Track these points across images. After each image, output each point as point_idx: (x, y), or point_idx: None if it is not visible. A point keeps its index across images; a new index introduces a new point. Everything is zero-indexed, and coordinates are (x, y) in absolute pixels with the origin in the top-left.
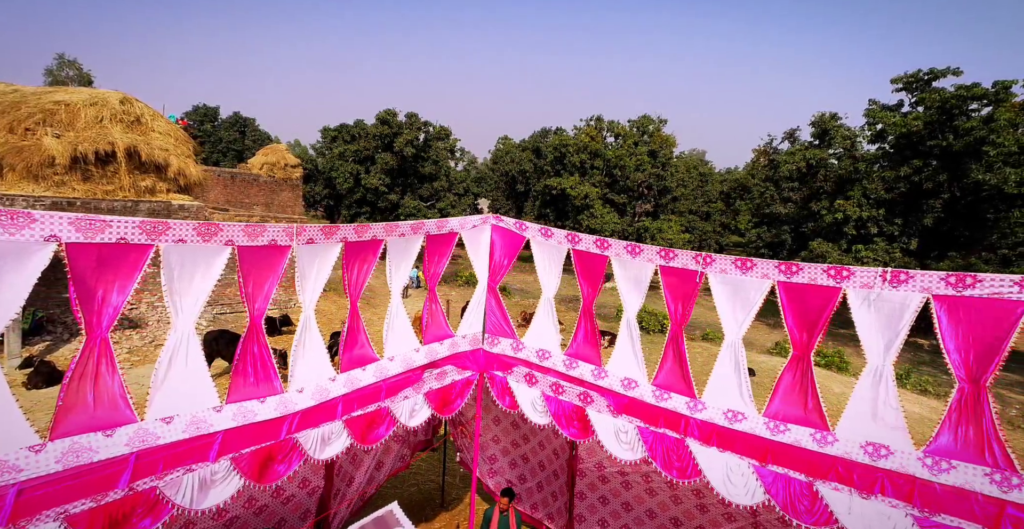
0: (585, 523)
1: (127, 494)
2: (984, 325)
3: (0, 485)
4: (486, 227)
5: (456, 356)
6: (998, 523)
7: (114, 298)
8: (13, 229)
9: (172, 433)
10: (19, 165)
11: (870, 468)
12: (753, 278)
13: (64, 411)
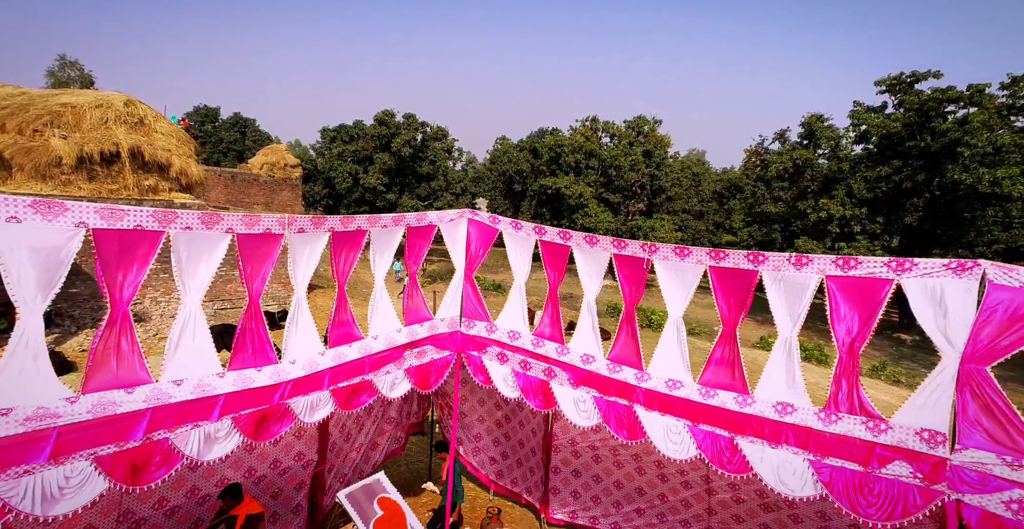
0: (559, 495)
1: (144, 443)
2: (861, 301)
3: (44, 428)
4: (463, 220)
5: (435, 337)
6: (869, 460)
7: (132, 277)
8: (51, 216)
9: (182, 393)
10: (27, 165)
11: (779, 423)
12: (690, 263)
13: (93, 370)
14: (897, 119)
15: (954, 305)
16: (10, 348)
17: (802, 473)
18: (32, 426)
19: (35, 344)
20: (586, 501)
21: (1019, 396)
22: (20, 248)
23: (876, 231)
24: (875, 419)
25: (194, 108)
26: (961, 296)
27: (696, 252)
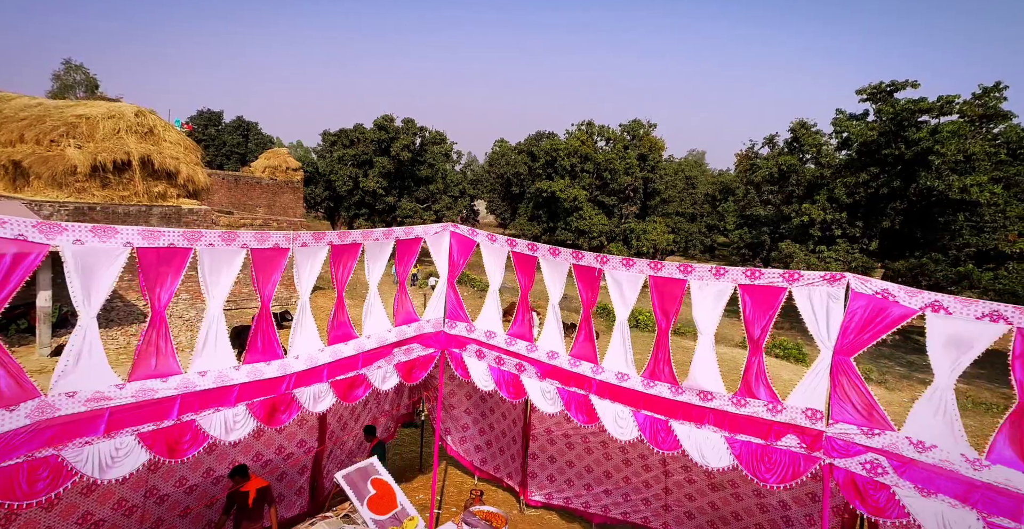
0: (537, 479)
1: (175, 423)
2: (763, 305)
3: (99, 408)
4: (446, 233)
5: (422, 336)
6: (768, 434)
7: (168, 286)
8: (105, 238)
9: (205, 383)
10: (45, 173)
11: (702, 408)
12: (633, 273)
13: (137, 362)
14: (874, 128)
15: (828, 309)
16: (73, 343)
17: (718, 448)
18: (90, 406)
19: (92, 340)
20: (560, 484)
21: (986, 392)
22: (82, 264)
23: (856, 234)
24: (773, 401)
25: (197, 112)
26: (833, 302)
27: (639, 263)
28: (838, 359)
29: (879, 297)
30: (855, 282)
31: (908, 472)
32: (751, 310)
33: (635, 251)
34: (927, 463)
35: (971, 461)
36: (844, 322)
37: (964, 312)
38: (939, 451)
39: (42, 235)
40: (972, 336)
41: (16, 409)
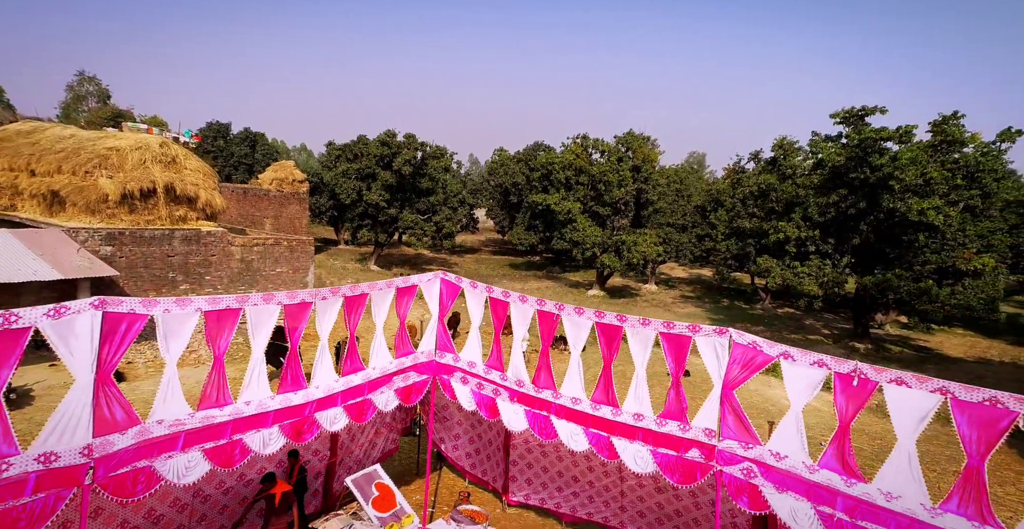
0: (516, 482)
1: (228, 442)
2: (678, 348)
3: (178, 431)
4: (437, 280)
5: (416, 366)
6: (679, 448)
7: (225, 337)
8: (183, 306)
9: (249, 410)
10: (80, 202)
11: (634, 427)
12: (583, 319)
13: (204, 396)
14: (841, 153)
15: (718, 354)
16: (163, 384)
17: (646, 458)
18: (172, 430)
19: (174, 381)
20: (536, 487)
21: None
22: (168, 326)
23: (828, 251)
24: (683, 422)
25: (207, 124)
26: (720, 349)
27: (587, 312)
28: (725, 391)
29: (750, 347)
30: (735, 335)
31: (769, 475)
32: (668, 352)
33: (626, 261)
34: (781, 469)
35: (807, 466)
36: (728, 363)
37: (802, 359)
38: (789, 460)
39: (144, 308)
40: (812, 377)
41: (126, 433)
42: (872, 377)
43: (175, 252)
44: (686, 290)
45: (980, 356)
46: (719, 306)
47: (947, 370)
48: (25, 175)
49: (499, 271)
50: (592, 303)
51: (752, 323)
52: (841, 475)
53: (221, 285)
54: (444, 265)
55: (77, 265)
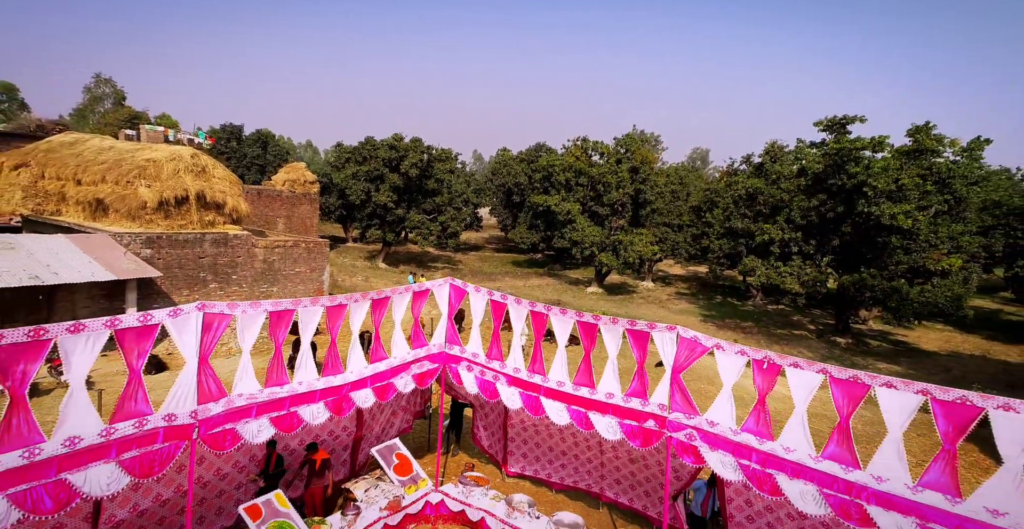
0: (514, 455)
1: (287, 413)
2: (640, 342)
3: (251, 403)
4: (446, 285)
5: (429, 356)
6: (639, 419)
7: (283, 331)
8: (254, 308)
9: (301, 389)
10: (123, 209)
11: (605, 404)
12: (566, 319)
13: (268, 377)
14: (820, 161)
15: (666, 345)
16: (239, 368)
17: (614, 427)
18: (248, 401)
19: (248, 365)
20: (531, 460)
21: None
22: (244, 324)
23: (810, 252)
24: (644, 399)
25: (220, 126)
26: (669, 342)
27: (569, 313)
28: (674, 375)
29: (693, 340)
30: (681, 331)
31: (705, 438)
32: (633, 344)
33: (623, 260)
34: (713, 433)
35: (733, 430)
36: (676, 353)
37: (730, 349)
38: (719, 426)
39: (229, 310)
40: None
41: (219, 402)
42: (777, 362)
43: (205, 254)
44: (681, 287)
45: (953, 350)
46: (712, 303)
47: (919, 363)
48: (72, 184)
49: (502, 268)
50: (591, 300)
51: (741, 319)
52: (757, 436)
53: (246, 283)
54: (449, 263)
55: (126, 267)
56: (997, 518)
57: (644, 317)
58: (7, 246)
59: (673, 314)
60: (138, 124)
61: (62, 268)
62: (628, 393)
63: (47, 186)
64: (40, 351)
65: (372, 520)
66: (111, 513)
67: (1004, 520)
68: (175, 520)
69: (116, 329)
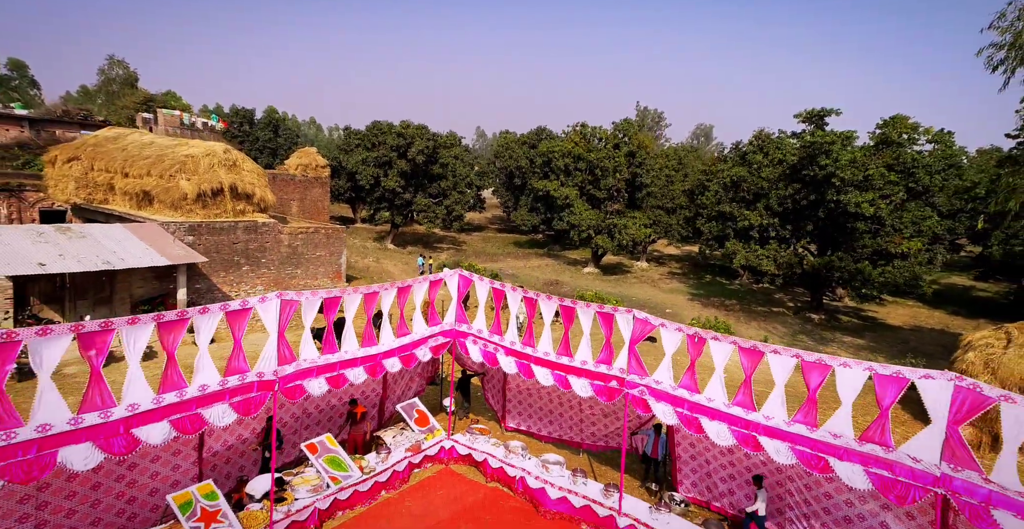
0: (511, 413)
1: (338, 374)
2: (607, 320)
3: (311, 366)
4: (456, 275)
5: (443, 332)
6: (606, 380)
7: (334, 312)
8: (314, 294)
9: (347, 356)
10: (166, 200)
11: (580, 369)
12: (552, 302)
13: (325, 347)
14: (795, 154)
15: (626, 324)
16: (303, 338)
17: (587, 388)
18: (309, 365)
19: (309, 339)
20: (524, 417)
21: None
22: (307, 308)
23: (786, 236)
24: (609, 365)
25: (233, 110)
26: (625, 323)
27: (553, 298)
28: (631, 346)
29: (644, 320)
30: (636, 313)
31: (652, 393)
32: (602, 324)
33: (617, 243)
34: (659, 389)
35: (672, 386)
36: (633, 330)
37: (671, 326)
38: (663, 384)
39: (296, 297)
40: (676, 337)
41: (291, 365)
42: (704, 336)
43: (238, 240)
44: (674, 267)
45: (916, 324)
46: (701, 282)
47: (882, 337)
48: (119, 176)
49: (504, 249)
50: (587, 280)
51: (726, 298)
52: (688, 390)
53: (273, 266)
54: (453, 243)
55: (176, 253)
56: (916, 464)
57: (636, 297)
58: (80, 235)
59: (664, 293)
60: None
61: (126, 254)
62: (598, 361)
63: (96, 177)
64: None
65: (399, 458)
66: (209, 445)
67: (920, 465)
68: (250, 455)
69: (227, 311)
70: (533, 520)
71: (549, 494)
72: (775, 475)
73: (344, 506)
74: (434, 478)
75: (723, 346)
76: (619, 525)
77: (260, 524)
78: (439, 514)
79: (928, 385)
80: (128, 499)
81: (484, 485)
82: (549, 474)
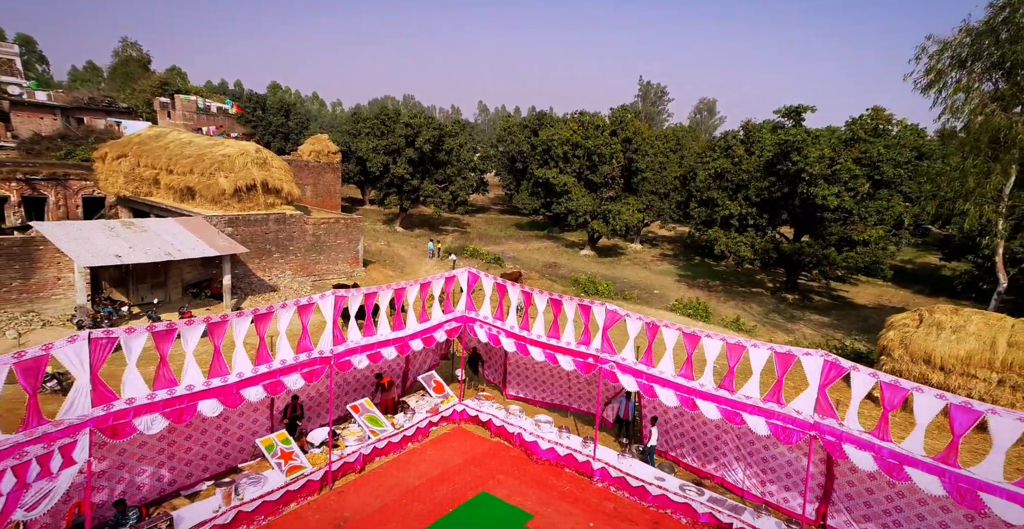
0: (511, 382)
1: (375, 352)
2: (585, 310)
3: (357, 345)
4: (465, 272)
5: (456, 318)
6: (585, 357)
7: (372, 304)
8: (358, 291)
9: (381, 339)
10: (207, 195)
11: (565, 349)
12: (543, 296)
13: (366, 330)
14: (770, 150)
15: (601, 314)
16: (351, 325)
17: (570, 362)
18: (354, 345)
19: (355, 326)
20: (522, 386)
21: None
22: (352, 299)
23: (763, 224)
24: (587, 345)
25: (246, 96)
26: (601, 311)
27: (544, 293)
28: (604, 331)
29: (613, 311)
30: (608, 306)
31: (620, 367)
32: (581, 313)
33: (611, 227)
34: (624, 364)
35: (633, 362)
36: (605, 319)
37: (634, 317)
38: (627, 360)
39: (344, 293)
40: (637, 326)
41: (342, 345)
42: (658, 324)
43: (270, 230)
44: (666, 248)
45: (880, 303)
46: (690, 264)
47: (845, 315)
48: (164, 173)
49: (506, 232)
50: (583, 262)
51: (711, 279)
52: (646, 365)
53: (299, 253)
54: (458, 225)
55: (222, 245)
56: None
57: (628, 278)
58: (142, 230)
59: (654, 275)
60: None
61: (182, 246)
62: (579, 342)
63: (142, 173)
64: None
65: (421, 418)
66: (276, 405)
67: (800, 415)
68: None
69: (299, 305)
70: (527, 465)
71: (540, 446)
72: (715, 430)
73: (380, 453)
74: (449, 434)
75: (671, 332)
76: (594, 467)
77: (322, 462)
78: (454, 461)
79: (808, 360)
80: (224, 442)
81: (489, 440)
82: (541, 430)
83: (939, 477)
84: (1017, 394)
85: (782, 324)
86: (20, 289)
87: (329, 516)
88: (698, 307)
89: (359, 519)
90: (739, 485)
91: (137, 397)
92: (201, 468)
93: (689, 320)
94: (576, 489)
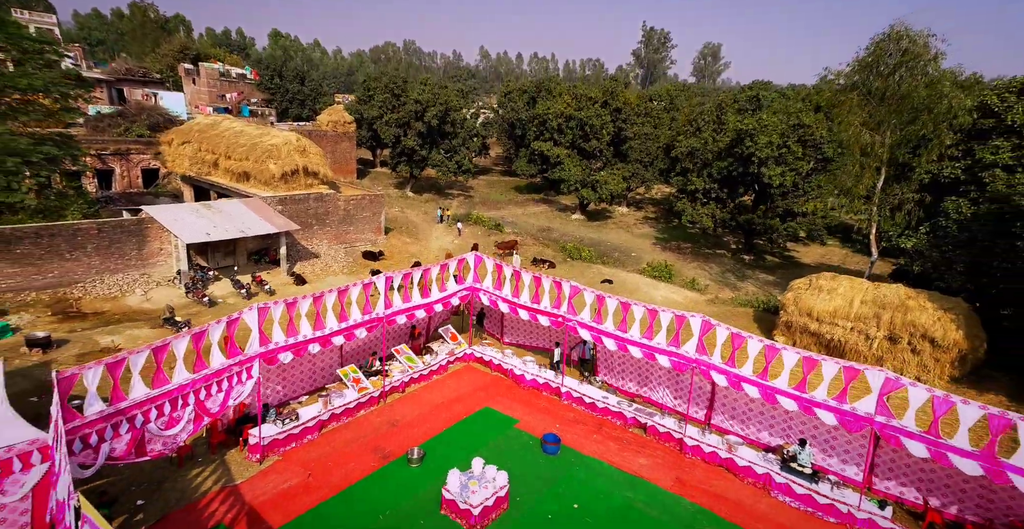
0: (506, 331)
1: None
2: (558, 285)
3: (397, 310)
4: (472, 255)
5: (466, 288)
6: (560, 323)
7: (400, 282)
8: (396, 274)
9: (412, 304)
10: (260, 178)
11: (545, 311)
12: (529, 275)
13: (404, 298)
14: (729, 135)
15: (568, 288)
16: (382, 298)
17: (547, 321)
18: (396, 310)
19: (386, 295)
20: (516, 335)
21: None
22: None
23: (724, 198)
24: (559, 308)
25: (265, 65)
26: (569, 286)
27: (530, 273)
28: (569, 300)
29: (575, 286)
30: (574, 282)
31: (581, 325)
32: (556, 287)
33: (599, 196)
34: (584, 323)
35: (594, 322)
36: (570, 292)
37: (587, 291)
38: (607, 327)
39: (388, 274)
40: (591, 297)
41: (388, 309)
42: (605, 296)
43: (310, 207)
44: (650, 212)
45: (821, 262)
46: (668, 227)
47: (789, 272)
48: (223, 158)
49: (507, 195)
50: (573, 225)
51: (684, 241)
52: (598, 323)
53: (333, 225)
54: (462, 189)
55: (280, 223)
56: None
57: (611, 241)
58: (218, 211)
59: (634, 238)
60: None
61: (251, 224)
62: (553, 306)
63: (204, 157)
64: (346, 292)
65: (442, 359)
66: (345, 349)
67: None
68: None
69: (363, 283)
70: (516, 390)
71: (526, 377)
72: (646, 366)
73: (415, 382)
74: (461, 371)
75: (612, 301)
76: (562, 391)
77: (379, 386)
78: (465, 388)
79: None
80: (313, 372)
81: (490, 374)
82: (527, 367)
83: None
84: (860, 337)
85: (732, 283)
86: (136, 257)
87: (386, 418)
88: (664, 269)
89: (406, 422)
90: (659, 401)
91: (279, 341)
92: (305, 386)
93: (655, 282)
94: (549, 404)
